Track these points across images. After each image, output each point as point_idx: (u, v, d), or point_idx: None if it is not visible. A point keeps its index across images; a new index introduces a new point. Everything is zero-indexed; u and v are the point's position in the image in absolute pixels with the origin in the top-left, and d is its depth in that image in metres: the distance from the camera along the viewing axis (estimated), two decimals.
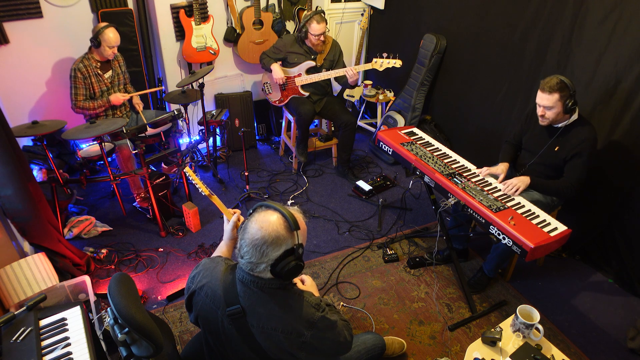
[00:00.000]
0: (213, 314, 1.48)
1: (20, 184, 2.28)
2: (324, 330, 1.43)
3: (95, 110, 3.16)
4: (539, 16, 2.86)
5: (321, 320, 1.42)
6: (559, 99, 2.27)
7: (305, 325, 1.40)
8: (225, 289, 1.45)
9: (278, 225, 1.33)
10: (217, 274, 1.50)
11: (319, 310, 1.44)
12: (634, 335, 2.39)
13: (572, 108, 2.31)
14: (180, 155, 3.19)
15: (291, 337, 1.39)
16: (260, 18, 3.86)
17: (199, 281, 1.53)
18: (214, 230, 3.20)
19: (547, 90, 2.28)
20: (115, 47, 3.11)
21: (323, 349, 1.45)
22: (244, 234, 1.36)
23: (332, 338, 1.45)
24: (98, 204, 3.44)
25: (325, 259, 2.96)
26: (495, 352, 1.75)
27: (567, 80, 2.27)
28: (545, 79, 2.31)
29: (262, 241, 1.32)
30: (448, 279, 2.82)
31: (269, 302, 1.40)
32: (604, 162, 2.69)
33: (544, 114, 2.36)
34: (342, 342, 1.49)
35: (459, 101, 3.67)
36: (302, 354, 1.43)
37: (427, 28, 3.77)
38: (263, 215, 1.35)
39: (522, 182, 2.41)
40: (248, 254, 1.35)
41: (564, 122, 2.39)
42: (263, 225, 1.33)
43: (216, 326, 1.49)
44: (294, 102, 3.61)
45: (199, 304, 1.52)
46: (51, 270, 2.33)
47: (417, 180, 3.73)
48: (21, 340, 1.54)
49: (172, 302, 2.61)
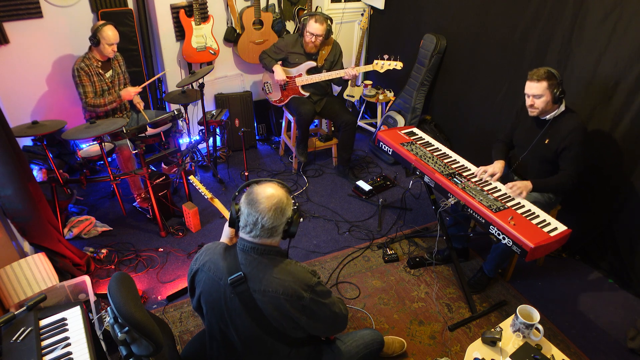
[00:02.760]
0: (216, 287, 1.55)
1: (20, 184, 2.28)
2: (320, 295, 1.54)
3: (107, 106, 3.14)
4: (539, 16, 2.86)
5: (318, 285, 1.54)
6: (547, 87, 2.31)
7: (304, 288, 1.50)
8: (227, 260, 1.55)
9: (281, 191, 1.51)
10: (219, 250, 1.61)
11: (315, 276, 1.57)
12: (634, 335, 2.39)
13: (560, 97, 2.34)
14: (180, 155, 3.20)
15: (292, 299, 1.48)
16: (260, 18, 3.86)
17: (201, 260, 1.62)
18: (214, 230, 3.20)
19: (536, 78, 2.32)
20: (115, 45, 3.10)
21: (321, 315, 1.55)
22: (257, 206, 1.46)
23: (328, 305, 1.57)
24: (98, 204, 3.44)
25: (325, 259, 2.96)
26: (495, 352, 1.75)
27: (554, 70, 2.32)
28: (533, 70, 2.35)
29: (281, 202, 1.47)
30: (448, 279, 2.82)
31: (269, 267, 1.51)
32: (604, 161, 2.69)
33: (533, 103, 2.38)
34: (338, 312, 1.60)
35: (459, 101, 3.67)
36: (302, 318, 1.52)
37: (427, 28, 3.77)
38: (263, 188, 1.49)
39: (524, 188, 2.39)
40: (270, 220, 1.46)
41: (553, 113, 2.41)
42: (272, 192, 1.48)
43: (219, 301, 1.55)
44: (294, 102, 3.61)
45: (202, 280, 1.59)
46: (51, 270, 2.33)
47: (417, 180, 3.73)
48: (21, 340, 1.54)
49: (172, 302, 2.61)
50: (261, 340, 1.57)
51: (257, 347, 1.59)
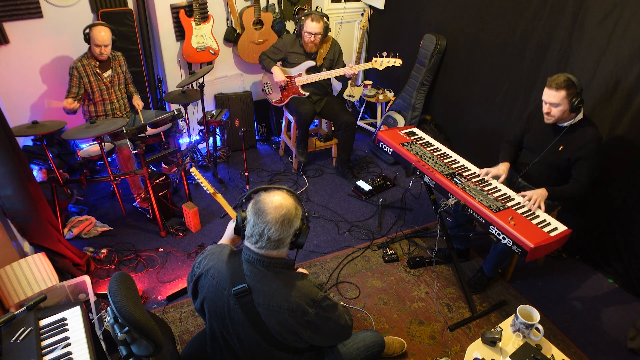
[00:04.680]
0: (219, 295, 1.52)
1: (20, 184, 2.28)
2: (326, 309, 1.49)
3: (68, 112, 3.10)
4: (539, 16, 2.86)
5: (324, 300, 1.49)
6: (566, 97, 2.25)
7: (309, 304, 1.46)
8: (231, 269, 1.51)
9: (290, 200, 1.46)
10: (224, 257, 1.56)
11: (322, 290, 1.51)
12: (634, 335, 2.40)
13: (578, 107, 2.28)
14: (180, 155, 3.19)
15: (296, 314, 1.45)
16: (260, 18, 3.86)
17: (205, 265, 1.58)
18: (214, 230, 3.20)
19: (554, 87, 2.25)
20: (104, 47, 3.04)
21: (325, 329, 1.51)
22: (264, 217, 1.42)
23: (334, 319, 1.52)
24: (98, 204, 3.44)
25: (325, 259, 2.96)
26: (495, 352, 1.75)
27: (574, 78, 2.25)
28: (553, 76, 2.28)
29: (289, 213, 1.43)
30: (448, 279, 2.82)
31: (274, 280, 1.46)
32: (604, 161, 2.69)
33: (550, 112, 2.32)
34: (343, 325, 1.57)
35: (459, 101, 3.67)
36: (306, 333, 1.49)
37: (427, 28, 3.77)
38: (271, 197, 1.44)
39: (540, 196, 2.33)
40: (277, 232, 1.42)
41: (569, 122, 2.37)
42: (280, 202, 1.43)
43: (222, 309, 1.53)
44: (294, 102, 3.60)
45: (205, 287, 1.56)
46: (51, 270, 2.33)
47: (417, 180, 3.73)
48: (21, 340, 1.54)
49: (172, 302, 2.61)
50: (263, 349, 1.55)
51: (258, 354, 1.57)
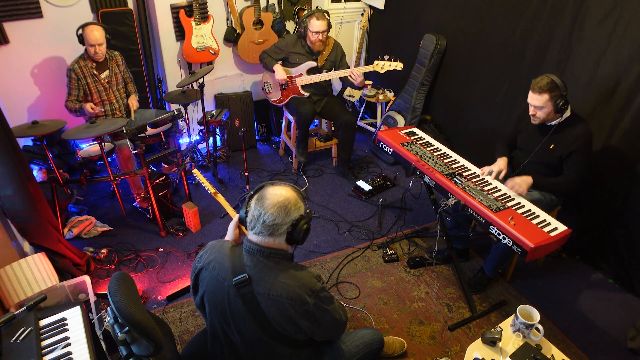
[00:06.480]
0: (220, 287, 1.55)
1: (20, 184, 2.28)
2: (324, 301, 1.53)
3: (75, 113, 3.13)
4: (539, 16, 2.86)
5: (322, 290, 1.53)
6: (549, 99, 2.28)
7: (308, 293, 1.49)
8: (232, 260, 1.54)
9: (292, 193, 1.50)
10: (224, 250, 1.60)
11: (320, 281, 1.54)
12: (634, 335, 2.40)
13: (564, 107, 2.31)
14: (180, 155, 3.19)
15: (296, 304, 1.48)
16: (260, 18, 3.86)
17: (206, 258, 1.61)
18: (214, 230, 3.20)
19: (537, 90, 2.28)
20: (97, 46, 3.03)
21: (322, 321, 1.54)
22: (263, 202, 1.46)
23: (331, 312, 1.56)
24: (98, 204, 3.44)
25: (325, 259, 2.96)
26: (495, 352, 1.75)
27: (558, 79, 2.27)
28: (537, 78, 2.31)
29: (287, 202, 1.46)
30: (448, 279, 2.82)
31: (274, 270, 1.50)
32: (604, 161, 2.69)
33: (535, 114, 2.37)
34: (339, 319, 1.60)
35: (459, 101, 3.67)
36: (305, 323, 1.52)
37: (427, 28, 3.77)
38: (276, 188, 1.49)
39: (525, 182, 2.41)
40: (272, 216, 1.45)
41: (557, 120, 2.40)
42: (282, 192, 1.48)
43: (222, 301, 1.55)
44: (294, 102, 3.60)
45: (205, 279, 1.59)
46: (51, 270, 2.33)
47: (417, 180, 3.73)
48: (21, 340, 1.54)
49: (172, 302, 2.61)
50: (263, 342, 1.57)
51: (258, 348, 1.59)
